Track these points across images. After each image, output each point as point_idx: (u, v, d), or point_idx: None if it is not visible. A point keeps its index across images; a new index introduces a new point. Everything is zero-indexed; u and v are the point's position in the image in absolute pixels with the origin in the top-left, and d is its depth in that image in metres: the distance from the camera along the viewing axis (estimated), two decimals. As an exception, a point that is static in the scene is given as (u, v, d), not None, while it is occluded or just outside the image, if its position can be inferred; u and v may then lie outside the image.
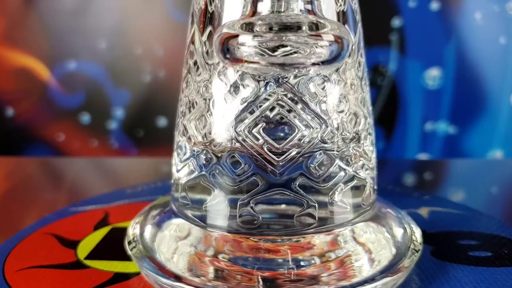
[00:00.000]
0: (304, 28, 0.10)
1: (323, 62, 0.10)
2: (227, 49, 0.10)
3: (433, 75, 0.33)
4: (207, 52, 0.12)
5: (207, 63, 0.12)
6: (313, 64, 0.09)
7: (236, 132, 0.11)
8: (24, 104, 0.35)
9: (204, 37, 0.13)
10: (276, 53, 0.09)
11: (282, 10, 0.10)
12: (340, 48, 0.10)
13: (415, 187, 0.24)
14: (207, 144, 0.12)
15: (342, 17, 0.13)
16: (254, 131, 0.11)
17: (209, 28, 0.13)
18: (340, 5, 0.13)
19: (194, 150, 0.12)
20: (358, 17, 0.14)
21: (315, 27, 0.10)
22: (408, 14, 0.33)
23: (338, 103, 0.11)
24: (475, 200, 0.22)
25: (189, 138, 0.12)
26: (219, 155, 0.11)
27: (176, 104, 0.38)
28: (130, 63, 0.34)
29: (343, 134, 0.11)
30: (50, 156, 0.35)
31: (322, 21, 0.10)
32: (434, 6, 0.33)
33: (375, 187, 0.13)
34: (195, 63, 0.13)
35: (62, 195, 0.23)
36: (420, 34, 0.33)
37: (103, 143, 0.35)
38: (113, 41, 0.34)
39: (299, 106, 0.11)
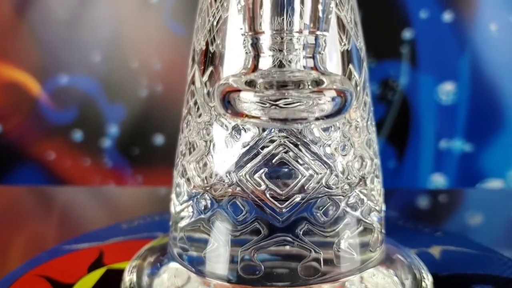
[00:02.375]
0: (306, 85, 0.10)
1: (327, 116, 0.10)
2: (228, 102, 0.10)
3: (447, 90, 0.34)
4: (207, 93, 0.13)
5: (207, 105, 0.13)
6: (316, 118, 0.10)
7: (237, 177, 0.11)
8: (12, 121, 0.36)
9: (205, 78, 0.13)
10: (278, 103, 0.10)
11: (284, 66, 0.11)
12: (343, 102, 0.10)
13: (427, 218, 0.24)
14: (207, 188, 0.12)
15: (347, 56, 0.14)
16: (256, 176, 0.11)
17: (210, 69, 0.13)
18: (345, 44, 0.13)
19: (193, 193, 0.12)
20: (363, 54, 0.15)
21: (317, 83, 0.10)
22: (420, 26, 0.34)
23: (343, 146, 0.12)
24: (491, 234, 0.22)
25: (188, 180, 0.13)
26: (219, 199, 0.12)
27: (174, 121, 0.38)
28: (125, 77, 0.35)
29: (348, 178, 0.12)
30: (40, 178, 0.36)
31: (323, 78, 0.11)
32: (447, 17, 0.33)
33: (383, 230, 0.14)
34: (196, 103, 0.14)
35: (53, 228, 0.24)
36: (433, 46, 0.34)
37: (96, 162, 0.36)
38: (107, 53, 0.35)
39: (303, 150, 0.11)
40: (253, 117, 0.10)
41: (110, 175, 0.36)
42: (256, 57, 0.11)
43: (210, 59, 0.13)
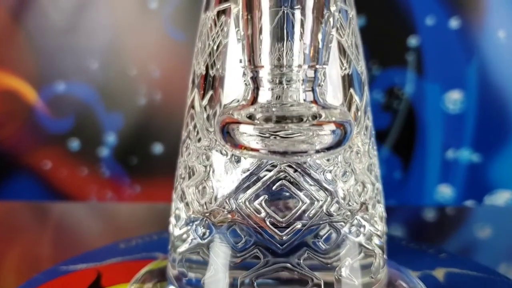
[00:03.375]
0: (306, 119, 0.11)
1: (327, 149, 0.10)
2: (228, 132, 0.11)
3: (454, 99, 0.34)
4: (207, 117, 0.13)
5: (207, 130, 0.13)
6: (317, 151, 0.10)
7: (237, 204, 0.12)
8: (8, 129, 0.36)
9: (205, 102, 0.14)
10: (277, 134, 0.10)
11: (284, 99, 0.11)
12: (343, 134, 0.11)
13: (432, 236, 0.24)
14: (206, 213, 0.12)
15: (348, 80, 0.14)
16: (256, 203, 0.12)
17: (210, 93, 0.14)
18: (345, 68, 0.14)
19: (192, 218, 0.13)
20: (364, 77, 0.15)
21: (317, 116, 0.11)
22: (426, 33, 0.34)
23: (344, 172, 0.12)
24: (497, 254, 0.22)
25: (187, 205, 0.13)
26: (218, 225, 0.12)
27: (174, 130, 0.38)
28: (123, 85, 0.35)
29: (349, 204, 0.12)
30: (35, 188, 0.36)
31: (323, 113, 0.11)
32: (454, 23, 0.33)
33: (385, 255, 0.14)
34: (195, 126, 0.14)
35: (48, 246, 0.24)
36: (439, 54, 0.34)
37: (93, 172, 0.36)
38: (105, 61, 0.35)
39: (303, 177, 0.12)
40: (252, 149, 0.10)
41: (108, 185, 0.36)
42: (256, 90, 0.12)
43: (210, 83, 0.14)
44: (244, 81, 0.12)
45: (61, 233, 0.28)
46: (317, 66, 0.11)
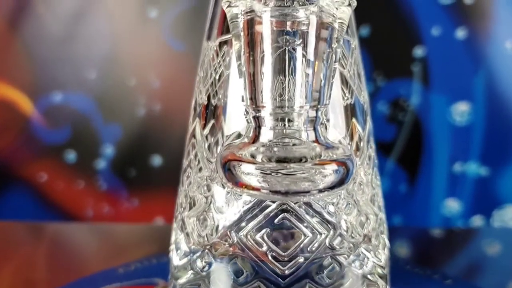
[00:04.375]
0: (307, 159, 0.11)
1: (330, 188, 0.11)
2: (229, 169, 0.11)
3: (461, 110, 0.34)
4: (208, 147, 0.14)
5: (208, 160, 0.13)
6: (319, 191, 0.10)
7: (238, 237, 0.12)
8: (2, 140, 0.36)
9: (206, 131, 0.14)
10: (279, 171, 0.10)
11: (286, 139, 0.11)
12: (345, 172, 0.11)
13: (438, 259, 0.24)
14: (207, 246, 0.13)
15: (350, 110, 0.14)
16: (258, 236, 0.12)
17: (211, 122, 0.14)
18: (347, 98, 0.14)
19: (193, 249, 0.13)
20: (367, 107, 0.15)
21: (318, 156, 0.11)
22: (432, 43, 0.34)
23: (347, 204, 0.12)
24: (505, 278, 0.22)
25: (187, 235, 0.13)
26: (219, 258, 0.12)
27: (173, 142, 0.38)
28: (122, 95, 0.35)
29: (352, 236, 0.12)
30: (30, 201, 0.36)
31: (325, 153, 0.11)
32: (460, 34, 0.34)
33: (388, 286, 0.14)
34: (196, 156, 0.14)
35: (43, 269, 0.24)
36: (446, 64, 0.34)
37: (90, 185, 0.36)
38: (103, 70, 0.35)
39: (305, 210, 0.12)
40: (253, 188, 0.11)
41: (105, 198, 0.36)
42: (257, 128, 0.12)
43: (212, 113, 0.14)
44: (246, 118, 0.12)
45: (56, 255, 0.28)
46: (319, 106, 0.12)
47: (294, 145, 0.11)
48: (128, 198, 0.36)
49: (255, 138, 0.12)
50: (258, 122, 0.12)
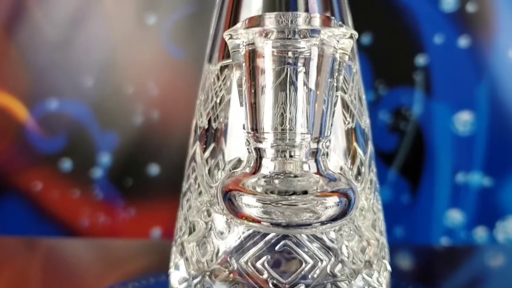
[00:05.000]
0: (309, 192, 0.11)
1: (333, 220, 0.11)
2: (229, 199, 0.11)
3: (463, 120, 0.34)
4: (209, 171, 0.13)
5: (209, 185, 0.13)
6: (322, 223, 0.10)
7: (239, 264, 0.12)
8: (-3, 148, 0.36)
9: (207, 154, 0.14)
10: (280, 202, 0.10)
11: (289, 172, 0.11)
12: (347, 203, 0.11)
13: (440, 279, 0.24)
14: (207, 272, 0.12)
15: (351, 134, 0.14)
16: (258, 263, 0.12)
17: (212, 145, 0.14)
18: (349, 122, 0.14)
19: (192, 274, 0.13)
20: (368, 131, 0.15)
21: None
22: (434, 51, 0.34)
23: (348, 231, 0.12)
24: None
25: (187, 260, 0.13)
26: (219, 285, 0.12)
27: (171, 150, 0.38)
28: (119, 103, 0.35)
29: (353, 262, 0.12)
30: (25, 210, 0.36)
31: (328, 186, 0.11)
32: (463, 42, 0.34)
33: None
34: (196, 179, 0.14)
35: (38, 287, 0.24)
36: (448, 73, 0.34)
37: (86, 194, 0.36)
38: (100, 77, 0.35)
39: (306, 236, 0.12)
40: (254, 220, 0.11)
41: (101, 208, 0.36)
42: (259, 159, 0.12)
43: (213, 136, 0.14)
44: (247, 148, 0.12)
45: (52, 271, 0.27)
46: (321, 137, 0.12)
47: (295, 177, 0.11)
48: (124, 208, 0.36)
49: (256, 169, 0.12)
50: (259, 153, 0.12)
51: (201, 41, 0.36)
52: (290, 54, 0.11)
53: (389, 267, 0.14)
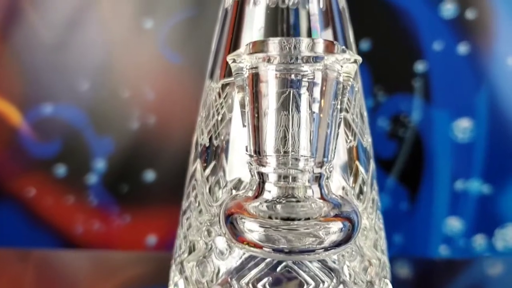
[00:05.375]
0: (312, 218, 0.11)
1: (337, 245, 0.10)
2: (231, 223, 0.11)
3: (463, 127, 0.34)
4: (209, 189, 0.13)
5: (209, 204, 0.13)
6: (325, 249, 0.10)
7: (239, 285, 0.12)
8: (-10, 153, 0.36)
9: (207, 172, 0.14)
10: (282, 226, 0.10)
11: (292, 196, 0.11)
12: (351, 228, 0.11)
13: None
14: (206, 293, 0.12)
15: (354, 152, 0.14)
16: (260, 285, 0.12)
17: (213, 163, 0.14)
18: (351, 141, 0.14)
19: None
20: (370, 149, 0.15)
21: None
22: (433, 58, 0.34)
23: (350, 251, 0.12)
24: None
25: (186, 279, 0.13)
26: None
27: (167, 156, 0.38)
28: (115, 108, 0.35)
29: (355, 282, 0.12)
30: (18, 217, 0.35)
31: (332, 212, 0.11)
32: (462, 49, 0.34)
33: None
34: (196, 197, 0.14)
35: None
36: (447, 80, 0.34)
37: (80, 200, 0.35)
38: (96, 81, 0.35)
39: (308, 258, 0.12)
40: (255, 245, 0.10)
41: (95, 215, 0.36)
42: (261, 183, 0.12)
43: (214, 154, 0.14)
44: (250, 170, 0.12)
45: (45, 283, 0.27)
46: (324, 161, 0.11)
47: (298, 202, 0.11)
48: (119, 215, 0.36)
49: (259, 193, 0.12)
50: (262, 177, 0.12)
51: (198, 45, 0.36)
52: (293, 76, 0.11)
53: (390, 287, 0.14)
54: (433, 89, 0.34)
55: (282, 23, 0.15)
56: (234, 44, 0.15)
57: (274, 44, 0.11)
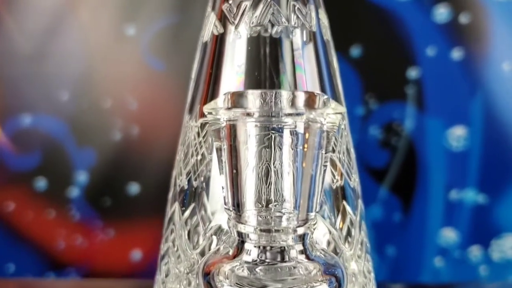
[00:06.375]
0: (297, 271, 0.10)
1: None
2: (209, 282, 0.10)
3: (457, 135, 0.34)
4: (188, 234, 0.13)
5: (189, 249, 0.13)
6: None
7: None
8: (-34, 166, 0.35)
9: (186, 215, 0.13)
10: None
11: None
12: (338, 286, 0.10)
13: None
14: None
15: (340, 192, 0.14)
16: None
17: (192, 205, 0.13)
18: (337, 180, 0.14)
19: None
20: (358, 189, 0.15)
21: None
22: (426, 64, 0.34)
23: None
24: None
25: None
26: None
27: (151, 168, 0.37)
28: (96, 118, 0.34)
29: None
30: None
31: (318, 272, 0.10)
32: (456, 55, 0.34)
33: None
34: (174, 241, 0.13)
35: None
36: (441, 87, 0.34)
37: (61, 215, 0.35)
38: (76, 91, 0.34)
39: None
40: None
41: (78, 229, 0.35)
42: (240, 244, 0.11)
43: (193, 196, 0.14)
44: (228, 224, 0.11)
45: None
46: (309, 217, 0.11)
47: (282, 262, 0.10)
48: (103, 229, 0.35)
49: (237, 253, 0.11)
50: (241, 236, 0.11)
51: (183, 52, 0.36)
52: (274, 125, 0.11)
53: None
54: (427, 96, 0.34)
55: (264, 57, 0.14)
56: (214, 79, 0.15)
57: (253, 97, 0.11)
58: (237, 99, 0.11)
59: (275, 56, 0.14)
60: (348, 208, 0.14)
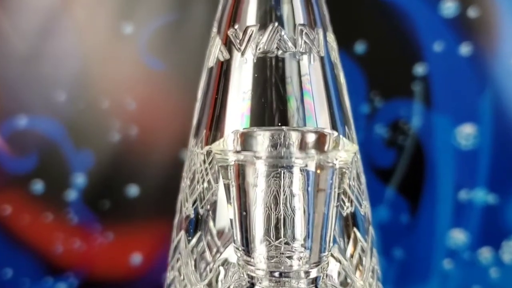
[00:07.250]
0: None
1: None
2: None
3: (466, 133, 0.33)
4: (195, 263, 0.13)
5: (196, 279, 0.12)
6: None
7: None
8: (-38, 169, 0.35)
9: (193, 243, 0.13)
10: None
11: None
12: None
13: None
14: None
15: (351, 219, 0.13)
16: None
17: (198, 234, 0.13)
18: (347, 207, 0.13)
19: None
20: (368, 216, 0.14)
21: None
22: (434, 60, 0.33)
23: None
24: None
25: None
26: None
27: (150, 170, 0.37)
28: (94, 119, 0.34)
29: None
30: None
31: None
32: (464, 50, 0.33)
33: None
34: (180, 270, 0.13)
35: None
36: (449, 83, 0.34)
37: (59, 218, 0.35)
38: (73, 92, 0.34)
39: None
40: None
41: (76, 233, 0.35)
42: (251, 285, 0.11)
43: (200, 224, 0.13)
44: (239, 267, 0.11)
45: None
46: (321, 258, 0.10)
47: None
48: (102, 233, 0.35)
49: None
50: (251, 278, 0.11)
51: (182, 51, 0.35)
52: (284, 165, 0.11)
53: None
54: (434, 93, 0.34)
55: (271, 82, 0.14)
56: (220, 104, 0.15)
57: (262, 138, 0.11)
58: (246, 140, 0.11)
59: (282, 80, 0.14)
60: (358, 235, 0.14)
